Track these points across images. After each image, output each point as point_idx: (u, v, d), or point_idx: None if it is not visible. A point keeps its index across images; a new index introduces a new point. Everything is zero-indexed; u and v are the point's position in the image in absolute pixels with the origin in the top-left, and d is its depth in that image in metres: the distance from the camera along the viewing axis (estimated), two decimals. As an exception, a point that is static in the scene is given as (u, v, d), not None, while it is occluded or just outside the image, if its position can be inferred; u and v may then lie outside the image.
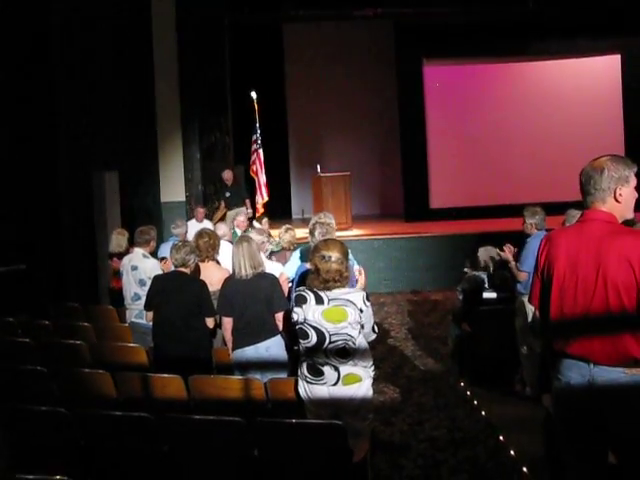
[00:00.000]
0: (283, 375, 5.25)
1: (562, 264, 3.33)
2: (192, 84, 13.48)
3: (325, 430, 4.00)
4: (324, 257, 4.30)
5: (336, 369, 4.31)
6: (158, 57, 13.28)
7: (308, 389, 4.38)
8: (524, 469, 5.13)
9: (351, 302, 4.28)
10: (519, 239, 6.88)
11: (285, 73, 17.86)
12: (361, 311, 4.30)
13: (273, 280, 5.60)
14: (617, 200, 3.30)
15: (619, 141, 15.75)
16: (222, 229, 7.94)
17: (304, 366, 4.40)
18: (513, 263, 6.69)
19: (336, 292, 4.32)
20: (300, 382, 4.46)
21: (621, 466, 3.30)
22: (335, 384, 4.30)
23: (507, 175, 16.04)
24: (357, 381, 4.34)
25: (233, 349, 5.49)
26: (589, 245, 3.26)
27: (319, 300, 4.31)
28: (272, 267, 6.22)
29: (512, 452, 5.46)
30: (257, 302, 5.40)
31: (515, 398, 6.75)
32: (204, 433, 4.08)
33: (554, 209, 7.67)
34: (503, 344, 7.01)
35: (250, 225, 7.62)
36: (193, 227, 8.95)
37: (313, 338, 4.30)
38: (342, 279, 4.33)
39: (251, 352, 5.33)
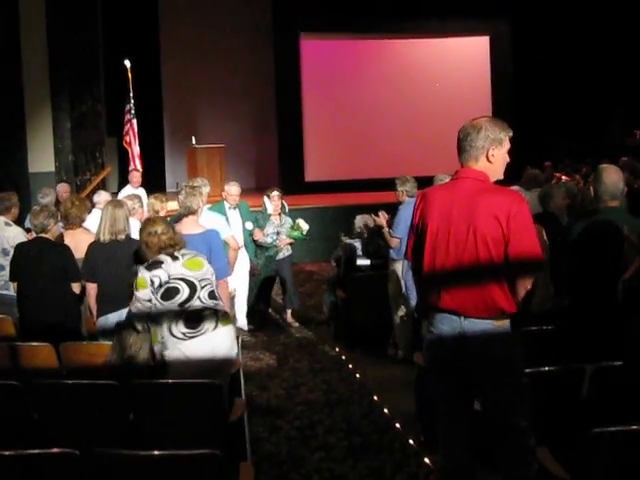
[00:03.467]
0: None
1: (435, 220, 3.43)
2: (62, 50, 12.89)
3: (201, 389, 4.00)
4: (150, 233, 4.53)
5: (213, 312, 4.45)
6: (24, 21, 12.62)
7: (184, 347, 4.32)
8: (397, 425, 5.32)
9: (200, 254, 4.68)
10: (392, 211, 7.01)
11: (160, 43, 17.38)
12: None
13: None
14: (489, 160, 3.41)
15: (486, 119, 16.33)
16: (102, 196, 7.75)
17: (180, 324, 4.34)
18: (386, 229, 6.84)
19: (182, 251, 4.57)
20: (171, 345, 4.34)
21: (484, 414, 3.47)
22: (215, 328, 4.41)
23: (381, 149, 16.35)
24: (230, 322, 4.61)
25: (97, 316, 5.41)
26: (461, 202, 3.37)
27: (174, 258, 4.49)
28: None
29: (385, 410, 5.64)
30: (120, 268, 5.32)
31: (388, 361, 6.97)
32: (77, 398, 3.99)
33: (425, 183, 7.84)
34: (376, 309, 7.19)
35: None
36: (128, 192, 9.11)
37: (185, 290, 4.40)
38: (177, 243, 4.57)
39: (114, 318, 5.16)
